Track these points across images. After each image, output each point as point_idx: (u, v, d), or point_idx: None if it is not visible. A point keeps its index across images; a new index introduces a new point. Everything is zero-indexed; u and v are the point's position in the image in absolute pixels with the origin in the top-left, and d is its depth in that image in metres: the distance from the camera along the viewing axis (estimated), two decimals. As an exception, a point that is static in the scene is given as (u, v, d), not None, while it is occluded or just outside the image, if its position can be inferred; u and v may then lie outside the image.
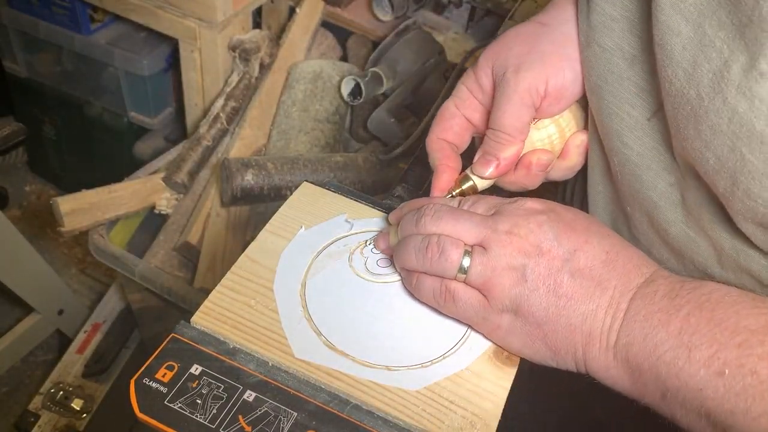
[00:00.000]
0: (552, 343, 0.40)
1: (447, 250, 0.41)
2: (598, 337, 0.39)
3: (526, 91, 0.47)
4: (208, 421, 0.36)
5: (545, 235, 0.41)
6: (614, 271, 0.40)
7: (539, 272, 0.40)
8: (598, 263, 0.40)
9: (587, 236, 0.41)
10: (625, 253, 0.41)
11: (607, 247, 0.41)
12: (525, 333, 0.41)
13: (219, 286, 0.44)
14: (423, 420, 0.38)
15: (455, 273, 0.41)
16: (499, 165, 0.49)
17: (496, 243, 0.41)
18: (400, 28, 1.25)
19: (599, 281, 0.39)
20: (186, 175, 1.11)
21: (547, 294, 0.40)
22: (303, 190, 0.54)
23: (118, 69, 1.39)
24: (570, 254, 0.40)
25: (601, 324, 0.39)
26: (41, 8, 1.36)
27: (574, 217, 0.42)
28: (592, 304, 0.39)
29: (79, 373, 1.28)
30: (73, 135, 1.60)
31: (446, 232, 0.42)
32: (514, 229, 0.41)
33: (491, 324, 0.42)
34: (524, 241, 0.40)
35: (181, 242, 1.07)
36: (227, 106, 1.17)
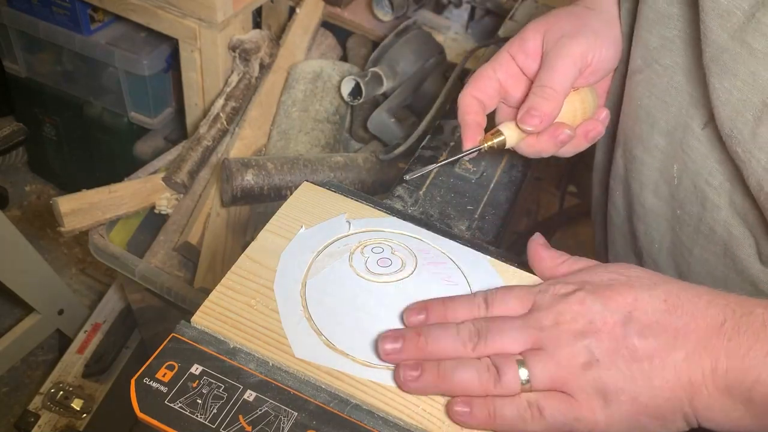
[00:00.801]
0: (655, 412, 0.36)
1: (504, 366, 0.38)
2: (703, 384, 0.35)
3: (579, 55, 0.52)
4: (209, 421, 0.36)
5: (591, 309, 0.38)
6: (687, 315, 0.37)
7: (606, 347, 0.37)
8: (661, 315, 0.37)
9: (634, 293, 0.38)
10: (686, 293, 0.38)
11: (662, 295, 0.38)
12: (625, 416, 0.37)
13: (219, 285, 0.44)
14: (423, 420, 0.38)
15: (519, 386, 0.38)
16: (543, 119, 0.51)
17: (548, 340, 0.38)
18: (400, 28, 1.25)
19: (675, 330, 0.36)
20: (186, 175, 1.11)
21: (627, 364, 0.36)
22: (303, 190, 0.54)
23: (118, 69, 1.39)
24: (627, 318, 0.37)
25: (701, 369, 0.35)
26: (41, 8, 1.36)
27: (610, 281, 0.40)
28: (679, 354, 0.36)
29: (79, 373, 1.28)
30: (73, 135, 1.60)
31: (495, 348, 0.39)
32: (560, 318, 0.38)
33: (587, 420, 0.37)
34: (575, 325, 0.38)
35: (181, 242, 1.07)
36: (227, 106, 1.17)
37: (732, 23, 0.43)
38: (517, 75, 0.55)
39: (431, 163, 0.58)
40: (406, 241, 0.50)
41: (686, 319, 0.37)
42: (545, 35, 0.54)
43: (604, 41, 0.54)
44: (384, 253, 0.49)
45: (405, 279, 0.47)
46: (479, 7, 1.36)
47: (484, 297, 0.42)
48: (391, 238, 0.51)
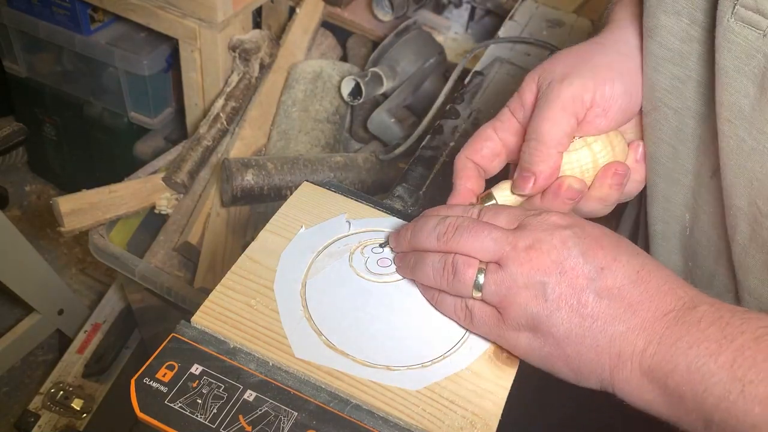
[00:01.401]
0: (575, 365, 0.39)
1: (460, 271, 0.40)
2: (629, 360, 0.37)
3: (569, 99, 0.45)
4: (209, 421, 0.36)
5: (569, 251, 0.39)
6: (647, 293, 0.38)
7: (561, 291, 0.38)
8: (627, 283, 0.38)
9: (616, 254, 0.39)
10: (659, 273, 0.39)
11: (638, 266, 0.39)
12: (545, 353, 0.39)
13: (219, 285, 0.44)
14: (423, 420, 0.38)
15: (471, 292, 0.41)
16: (537, 180, 0.46)
17: (513, 261, 0.39)
18: (400, 28, 1.25)
19: (630, 302, 0.38)
20: (186, 175, 1.11)
21: (570, 314, 0.38)
22: (303, 190, 0.54)
23: (118, 69, 1.39)
24: (596, 272, 0.38)
25: (632, 346, 0.37)
26: (41, 8, 1.36)
27: (602, 234, 0.40)
28: (621, 326, 0.37)
29: (79, 373, 1.28)
30: (73, 135, 1.60)
31: (464, 249, 0.41)
32: (536, 245, 0.39)
33: (508, 341, 0.41)
34: (545, 258, 0.39)
35: (181, 242, 1.07)
36: (227, 106, 1.17)
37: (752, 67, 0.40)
38: (519, 132, 0.49)
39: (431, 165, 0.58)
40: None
41: (645, 296, 0.38)
42: (539, 82, 0.48)
43: (606, 76, 0.46)
44: (384, 253, 0.49)
45: (405, 279, 0.47)
46: (479, 7, 1.36)
47: (480, 209, 0.45)
48: (391, 238, 0.51)
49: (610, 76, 0.46)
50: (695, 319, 0.36)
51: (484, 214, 0.44)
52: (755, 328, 0.35)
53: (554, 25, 1.12)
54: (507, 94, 0.87)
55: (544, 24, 1.12)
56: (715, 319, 0.36)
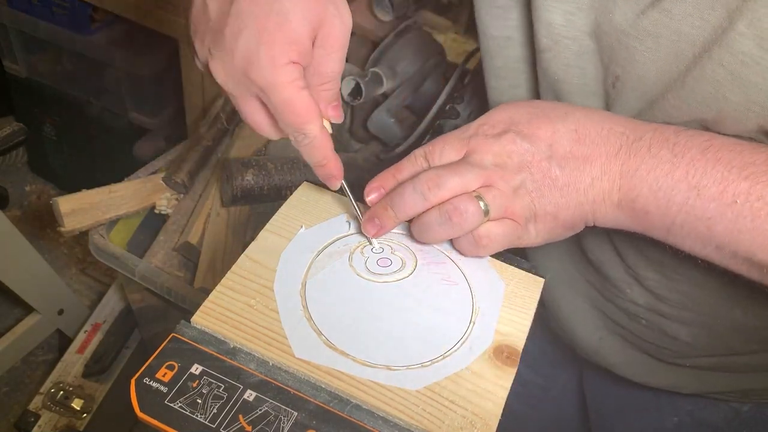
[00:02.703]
0: (569, 223, 0.46)
1: (464, 207, 0.44)
2: (602, 201, 0.44)
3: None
4: (209, 421, 0.36)
5: (521, 146, 0.45)
6: (593, 144, 0.44)
7: (536, 178, 0.44)
8: (573, 144, 0.44)
9: (552, 126, 0.45)
10: (592, 122, 0.45)
11: (572, 125, 0.45)
12: (548, 230, 0.46)
13: (219, 285, 0.44)
14: (423, 420, 0.38)
15: (482, 219, 0.44)
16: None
17: (496, 177, 0.44)
18: (400, 28, 1.25)
19: (584, 157, 0.44)
20: (186, 175, 1.11)
21: (551, 191, 0.44)
22: (303, 190, 0.54)
23: (118, 69, 1.39)
24: (549, 149, 0.44)
25: (602, 190, 0.43)
26: (41, 8, 1.36)
27: (530, 116, 0.46)
28: (587, 178, 0.44)
29: (79, 373, 1.28)
30: (73, 135, 1.60)
31: (453, 192, 0.44)
32: (498, 159, 0.45)
33: (526, 238, 0.46)
34: (511, 162, 0.45)
35: (181, 242, 1.07)
36: (227, 106, 1.17)
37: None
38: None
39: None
40: (406, 241, 0.50)
41: (592, 147, 0.44)
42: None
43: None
44: (384, 253, 0.49)
45: (405, 279, 0.47)
46: (479, 7, 1.36)
47: (423, 152, 0.48)
48: (391, 238, 0.51)
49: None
50: (645, 147, 0.42)
51: (430, 156, 0.48)
52: (699, 143, 0.41)
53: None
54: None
55: (544, 24, 1.11)
56: (662, 142, 0.42)
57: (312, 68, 0.47)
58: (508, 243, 0.46)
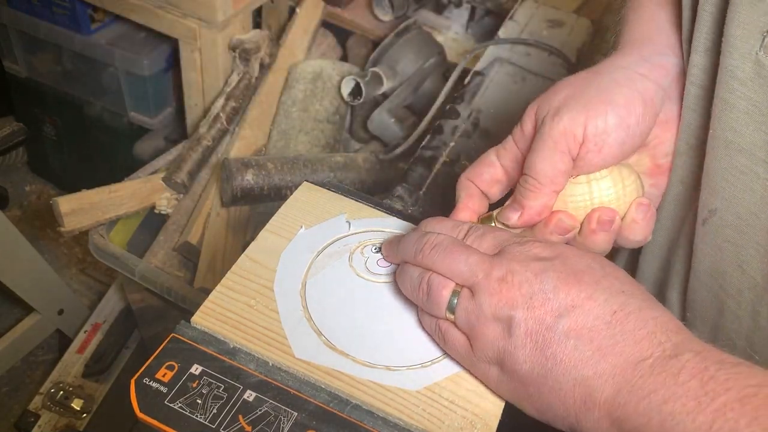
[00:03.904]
0: (537, 405, 0.37)
1: (434, 291, 0.40)
2: (596, 407, 0.35)
3: (561, 135, 0.43)
4: (209, 421, 0.36)
5: (541, 285, 0.37)
6: (620, 336, 0.35)
7: (527, 327, 0.36)
8: (600, 324, 0.35)
9: (593, 291, 0.36)
10: (639, 315, 0.36)
11: (616, 306, 0.36)
12: (511, 389, 0.38)
13: (219, 286, 0.44)
14: (423, 420, 0.38)
15: (444, 313, 0.40)
16: (523, 214, 0.44)
17: (484, 290, 0.38)
18: (400, 28, 1.25)
19: (599, 346, 0.35)
20: (186, 175, 1.11)
21: (534, 352, 0.36)
22: (303, 190, 0.54)
23: (118, 69, 1.39)
24: (566, 310, 0.36)
25: (600, 393, 0.34)
26: (41, 8, 1.36)
27: (585, 268, 0.38)
28: (587, 371, 0.35)
29: (79, 373, 1.28)
30: (73, 135, 1.60)
31: (439, 269, 0.40)
32: (508, 276, 0.37)
33: (480, 371, 0.40)
34: (515, 291, 0.37)
35: (181, 242, 1.07)
36: (227, 106, 1.17)
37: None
38: (520, 160, 0.47)
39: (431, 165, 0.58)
40: (406, 241, 0.50)
41: (617, 340, 0.35)
42: (537, 113, 0.46)
43: (598, 109, 0.43)
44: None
45: (405, 279, 0.47)
46: (479, 7, 1.36)
47: (470, 227, 0.43)
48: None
49: (602, 108, 0.43)
50: (674, 369, 0.33)
51: (471, 233, 0.43)
52: (742, 386, 0.31)
53: (554, 25, 1.12)
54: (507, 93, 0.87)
55: (544, 24, 1.12)
56: (697, 372, 0.33)
57: None
58: (460, 359, 0.40)
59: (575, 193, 0.45)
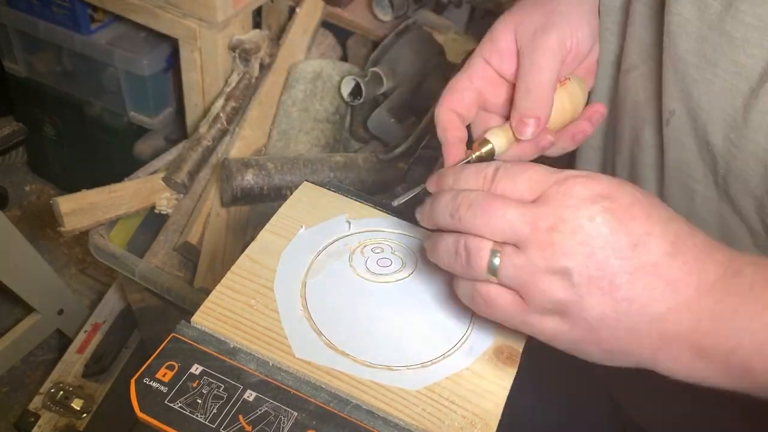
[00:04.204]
0: (608, 347, 0.36)
1: (473, 254, 0.37)
2: (675, 341, 0.34)
3: (557, 46, 0.48)
4: (209, 421, 0.36)
5: (598, 230, 0.35)
6: (685, 266, 0.35)
7: (590, 275, 0.35)
8: (664, 257, 0.35)
9: (649, 225, 0.35)
10: (694, 240, 0.36)
11: (672, 235, 0.35)
12: (574, 338, 0.36)
13: (219, 285, 0.44)
14: (423, 420, 0.38)
15: (485, 275, 0.37)
16: (539, 123, 0.48)
17: (534, 244, 0.35)
18: (400, 28, 1.25)
19: (668, 279, 0.34)
20: (186, 175, 1.11)
21: (603, 298, 0.35)
22: (303, 190, 0.54)
23: (118, 69, 1.39)
24: (629, 250, 0.35)
25: (677, 327, 0.34)
26: (41, 8, 1.36)
27: (634, 200, 0.36)
28: (661, 306, 0.34)
29: (79, 373, 1.28)
30: (73, 135, 1.60)
31: (478, 229, 0.37)
32: (560, 225, 0.35)
33: (533, 327, 0.37)
34: (570, 240, 0.35)
35: (181, 242, 1.07)
36: (227, 106, 1.17)
37: (710, 14, 0.44)
38: (495, 79, 0.51)
39: (431, 165, 0.58)
40: (406, 241, 0.50)
41: (684, 270, 0.35)
42: (517, 32, 0.50)
43: (577, 23, 0.50)
44: (384, 253, 0.49)
45: (405, 279, 0.47)
46: (479, 7, 1.36)
47: (495, 168, 0.40)
48: (391, 238, 0.51)
49: (580, 21, 0.51)
50: (745, 285, 0.34)
51: (500, 177, 0.39)
52: None
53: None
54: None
55: (544, 24, 1.12)
56: (765, 282, 0.34)
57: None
58: (508, 319, 0.38)
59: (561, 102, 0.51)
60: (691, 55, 0.46)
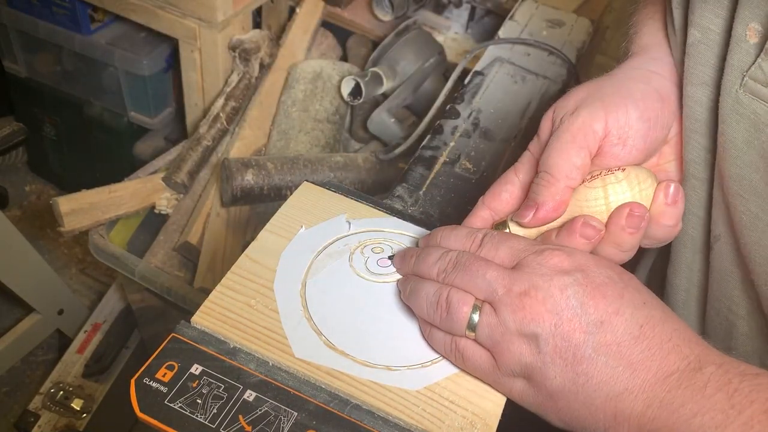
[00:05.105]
0: (566, 418, 0.37)
1: (454, 307, 0.39)
2: (626, 422, 0.35)
3: (579, 130, 0.42)
4: (209, 421, 0.36)
5: (567, 302, 0.36)
6: (648, 351, 0.35)
7: (555, 344, 0.36)
8: (628, 339, 0.35)
9: (619, 305, 0.36)
10: (663, 328, 0.36)
11: (642, 320, 0.36)
12: (538, 402, 0.38)
13: (219, 286, 0.44)
14: (423, 420, 0.38)
15: (464, 331, 0.39)
16: (538, 211, 0.42)
17: (507, 306, 0.37)
18: (400, 28, 1.25)
19: (629, 361, 0.35)
20: (186, 175, 1.11)
21: (564, 368, 0.36)
22: (303, 190, 0.54)
23: (118, 69, 1.39)
24: (595, 327, 0.36)
25: (630, 409, 0.35)
26: (41, 8, 1.36)
27: (607, 280, 0.37)
28: (618, 386, 0.35)
29: (79, 373, 1.28)
30: (73, 135, 1.60)
31: (459, 285, 0.39)
32: (531, 292, 0.37)
33: (503, 386, 0.39)
34: (540, 307, 0.36)
35: (181, 242, 1.07)
36: (227, 106, 1.17)
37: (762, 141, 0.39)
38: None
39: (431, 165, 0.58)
40: (406, 241, 0.50)
41: (646, 355, 0.35)
42: (553, 118, 0.45)
43: (618, 104, 0.43)
44: (384, 253, 0.49)
45: (405, 279, 0.47)
46: (479, 7, 1.36)
47: (484, 235, 0.42)
48: (391, 238, 0.51)
49: (622, 102, 0.43)
50: (701, 383, 0.34)
51: (486, 243, 0.41)
52: (766, 399, 0.32)
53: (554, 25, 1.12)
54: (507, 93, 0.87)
55: (544, 24, 1.11)
56: (722, 384, 0.33)
57: None
58: (481, 375, 0.40)
59: (589, 197, 0.43)
60: (736, 182, 0.41)
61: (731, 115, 0.40)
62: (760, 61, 0.38)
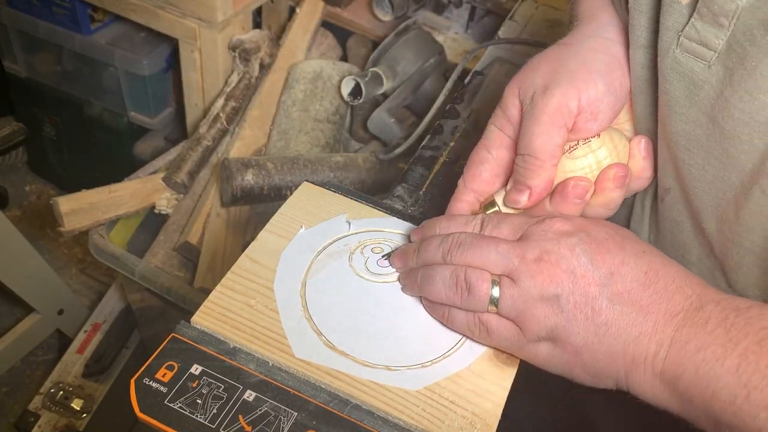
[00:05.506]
0: (591, 370, 0.39)
1: (474, 285, 0.40)
2: (642, 364, 0.38)
3: (555, 110, 0.44)
4: (208, 421, 0.36)
5: (578, 259, 0.39)
6: (656, 294, 0.38)
7: (575, 301, 0.38)
8: (637, 286, 0.38)
9: (623, 256, 0.39)
10: (665, 272, 0.39)
11: (645, 267, 0.39)
12: (564, 361, 0.40)
13: (219, 286, 0.44)
14: (423, 420, 0.38)
15: (486, 307, 0.40)
16: (532, 193, 0.45)
17: (525, 274, 0.39)
18: (400, 28, 1.25)
19: (640, 306, 0.38)
20: (186, 175, 1.11)
21: (586, 322, 0.38)
22: (303, 190, 0.54)
23: (118, 69, 1.39)
24: (606, 278, 0.38)
25: (645, 351, 0.37)
26: (41, 8, 1.36)
27: (607, 236, 0.40)
28: (634, 331, 0.38)
29: (79, 373, 1.28)
30: (73, 135, 1.60)
31: (472, 263, 0.41)
32: (544, 256, 0.39)
33: (528, 353, 0.41)
34: (556, 269, 0.39)
35: (181, 242, 1.07)
36: (227, 106, 1.17)
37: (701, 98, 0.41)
38: (511, 146, 0.48)
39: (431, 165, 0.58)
40: (406, 241, 0.50)
41: (654, 298, 0.38)
42: (520, 96, 0.46)
43: (586, 79, 0.45)
44: (384, 253, 0.49)
45: (405, 279, 0.47)
46: (479, 7, 1.36)
47: (482, 218, 0.44)
48: (391, 238, 0.51)
49: (590, 77, 0.45)
50: (702, 320, 0.36)
51: (486, 224, 0.43)
52: (758, 329, 0.35)
53: (554, 25, 1.12)
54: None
55: (544, 24, 1.11)
56: (720, 320, 0.36)
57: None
58: (507, 346, 0.41)
59: (575, 168, 0.46)
60: (682, 137, 0.43)
61: (671, 74, 0.42)
62: (693, 20, 0.40)
